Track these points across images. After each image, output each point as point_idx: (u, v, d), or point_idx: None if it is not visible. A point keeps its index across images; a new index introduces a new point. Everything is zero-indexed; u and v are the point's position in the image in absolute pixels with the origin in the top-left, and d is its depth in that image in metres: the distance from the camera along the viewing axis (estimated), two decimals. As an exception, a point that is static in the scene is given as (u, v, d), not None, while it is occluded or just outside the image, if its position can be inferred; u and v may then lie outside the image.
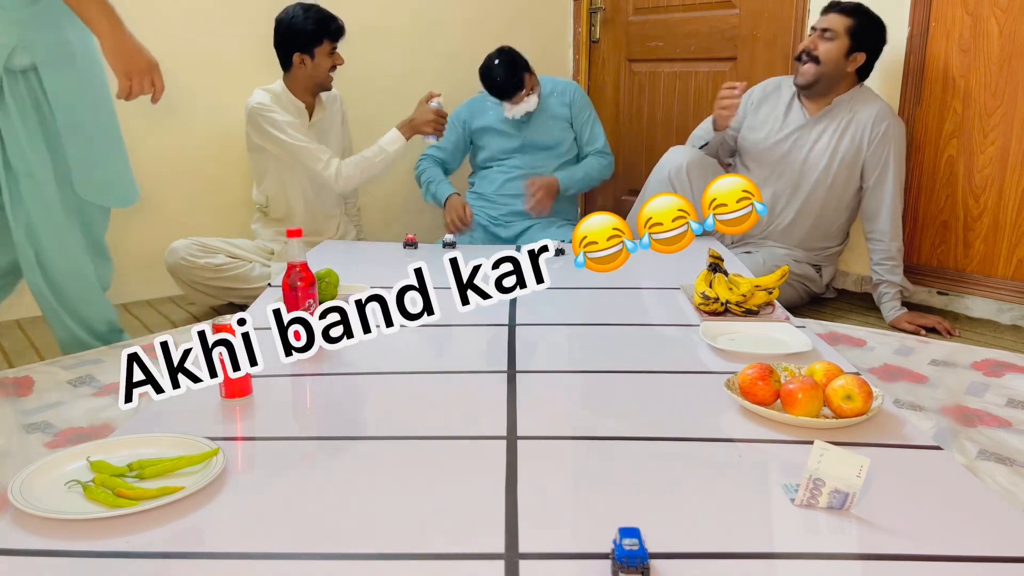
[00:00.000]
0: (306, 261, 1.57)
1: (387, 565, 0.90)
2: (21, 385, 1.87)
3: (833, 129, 2.52)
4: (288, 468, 1.14)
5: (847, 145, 2.50)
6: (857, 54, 2.46)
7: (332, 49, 2.69)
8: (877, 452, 1.13)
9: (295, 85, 2.73)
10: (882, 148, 2.46)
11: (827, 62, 2.46)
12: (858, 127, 2.48)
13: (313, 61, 2.67)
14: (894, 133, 2.46)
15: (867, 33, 2.46)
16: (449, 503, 1.02)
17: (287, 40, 2.65)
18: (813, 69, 2.48)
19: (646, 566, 0.84)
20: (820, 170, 2.53)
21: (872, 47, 2.48)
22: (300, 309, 1.55)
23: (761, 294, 1.74)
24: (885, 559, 0.90)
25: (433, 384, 1.46)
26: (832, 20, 2.46)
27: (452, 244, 2.50)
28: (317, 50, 2.66)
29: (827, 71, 2.47)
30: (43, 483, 1.03)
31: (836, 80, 2.50)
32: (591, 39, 3.74)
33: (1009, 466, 1.51)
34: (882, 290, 2.52)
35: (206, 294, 2.69)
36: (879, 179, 2.48)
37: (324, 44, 2.65)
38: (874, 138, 2.46)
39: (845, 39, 2.44)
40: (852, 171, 2.52)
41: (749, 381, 1.25)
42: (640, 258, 1.37)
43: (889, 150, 2.46)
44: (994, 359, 2.06)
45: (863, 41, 2.45)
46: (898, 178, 2.48)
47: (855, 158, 2.50)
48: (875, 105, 2.49)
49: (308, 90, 2.74)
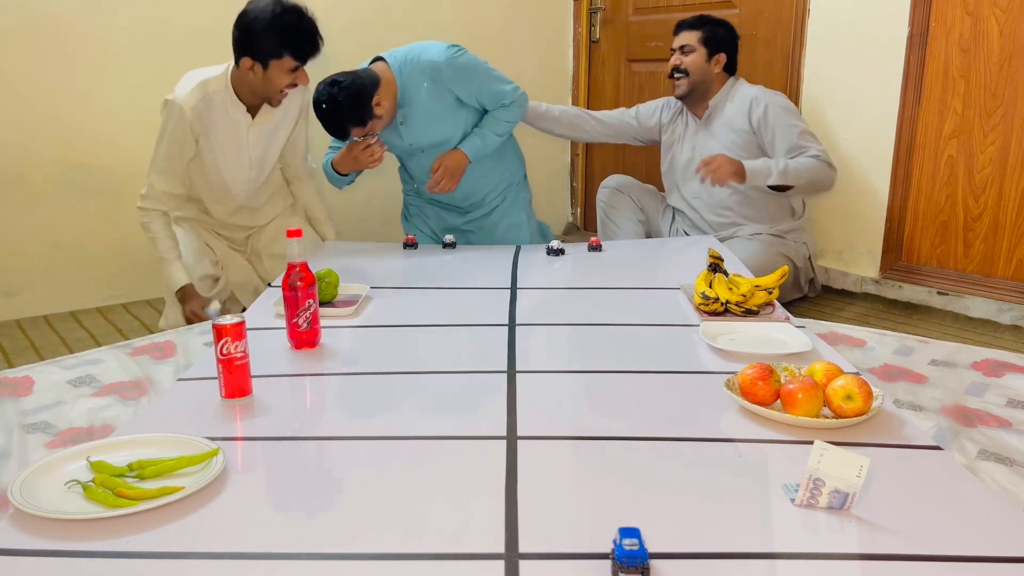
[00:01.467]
0: (306, 261, 1.57)
1: (387, 565, 0.90)
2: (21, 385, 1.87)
3: (720, 124, 2.70)
4: (288, 468, 1.14)
5: (735, 134, 2.65)
6: (718, 56, 2.68)
7: (294, 68, 2.20)
8: (877, 452, 1.13)
9: (240, 86, 2.27)
10: (767, 121, 2.59)
11: (695, 71, 2.70)
12: (739, 114, 2.65)
13: (265, 74, 2.19)
14: (773, 107, 2.59)
15: (718, 36, 2.69)
16: (449, 503, 1.02)
17: (242, 38, 2.17)
18: (685, 81, 2.71)
19: (646, 566, 0.84)
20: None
21: (728, 45, 2.70)
22: (300, 309, 1.56)
23: (761, 294, 1.74)
24: (885, 559, 0.90)
25: (433, 384, 1.46)
26: (685, 37, 2.71)
27: (452, 244, 2.50)
28: (273, 63, 2.17)
29: (697, 79, 2.70)
30: (43, 483, 1.03)
31: (709, 83, 2.71)
32: (591, 39, 3.74)
33: (1009, 466, 1.51)
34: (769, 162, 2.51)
35: None
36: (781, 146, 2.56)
37: (285, 59, 2.17)
38: (757, 118, 2.61)
39: (701, 48, 2.69)
40: (751, 153, 2.62)
41: (749, 381, 1.25)
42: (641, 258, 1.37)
43: (776, 119, 2.59)
44: (994, 359, 2.06)
45: (717, 44, 2.68)
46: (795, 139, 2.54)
47: (747, 142, 2.64)
48: (749, 91, 2.66)
49: (254, 96, 2.29)
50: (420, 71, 2.42)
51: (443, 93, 2.45)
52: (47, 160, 2.65)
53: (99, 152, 2.72)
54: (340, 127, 2.33)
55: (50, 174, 2.65)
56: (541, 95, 3.76)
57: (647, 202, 2.94)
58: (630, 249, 2.55)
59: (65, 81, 2.63)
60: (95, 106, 2.69)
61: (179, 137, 2.27)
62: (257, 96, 2.29)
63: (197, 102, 2.24)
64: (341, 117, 2.29)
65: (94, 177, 2.72)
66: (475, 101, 2.52)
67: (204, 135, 2.32)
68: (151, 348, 2.06)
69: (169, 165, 2.31)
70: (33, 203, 2.64)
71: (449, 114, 2.49)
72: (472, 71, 2.48)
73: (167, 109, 2.26)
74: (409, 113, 2.47)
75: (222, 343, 1.30)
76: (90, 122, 2.69)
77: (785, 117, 2.59)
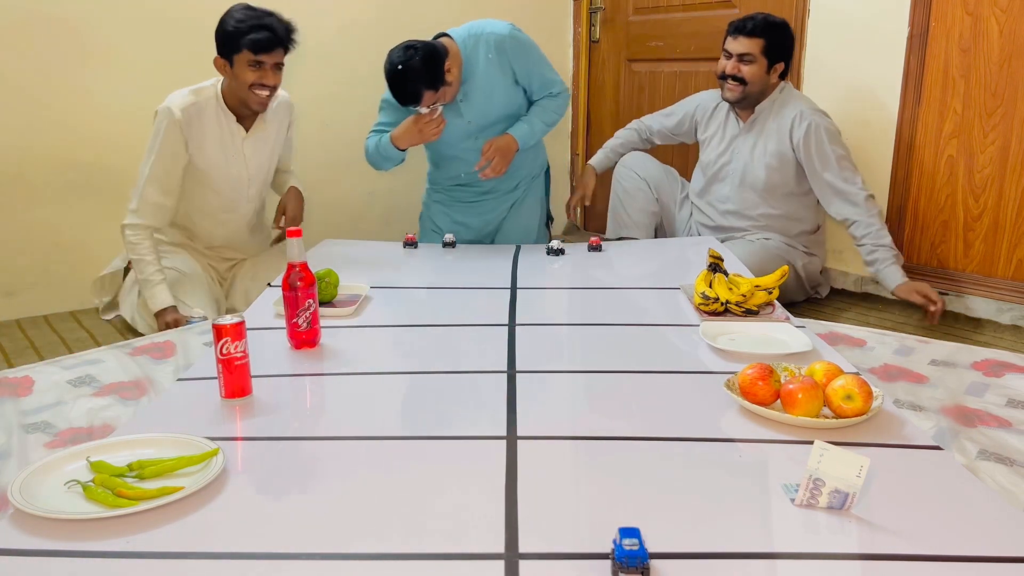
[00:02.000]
0: (306, 261, 1.57)
1: (387, 565, 0.90)
2: (21, 385, 1.87)
3: (763, 134, 2.62)
4: (288, 468, 1.14)
5: (774, 147, 2.59)
6: (777, 65, 2.57)
7: (254, 62, 2.22)
8: (877, 452, 1.13)
9: (228, 96, 2.33)
10: (809, 145, 2.53)
11: (753, 82, 2.57)
12: (781, 130, 2.58)
13: (232, 71, 2.25)
14: (816, 129, 2.52)
15: (780, 45, 2.55)
16: (449, 503, 1.02)
17: (216, 38, 2.25)
18: (740, 89, 2.58)
19: (646, 566, 0.84)
20: (757, 172, 2.63)
21: (789, 52, 2.59)
22: (300, 309, 1.56)
23: (761, 294, 1.74)
24: (885, 559, 0.90)
25: (433, 384, 1.46)
26: (746, 44, 2.54)
27: (452, 244, 2.50)
28: (236, 58, 2.22)
29: (754, 90, 2.58)
30: (43, 483, 1.03)
31: (764, 93, 2.61)
32: (591, 39, 3.74)
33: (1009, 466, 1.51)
34: (877, 256, 2.50)
35: None
36: (820, 172, 2.54)
37: (243, 52, 2.21)
38: (797, 139, 2.54)
39: (762, 59, 2.55)
40: (785, 168, 2.59)
41: (749, 381, 1.25)
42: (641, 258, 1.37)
43: (817, 145, 2.52)
44: (994, 359, 2.06)
45: (778, 53, 2.56)
46: (840, 165, 2.52)
47: (784, 157, 2.58)
48: (795, 107, 2.57)
49: (238, 103, 2.33)
50: (484, 43, 2.49)
51: (504, 67, 2.52)
52: (47, 160, 2.64)
53: (99, 152, 2.72)
54: (415, 90, 2.33)
55: (50, 174, 2.65)
56: (541, 95, 3.77)
57: (664, 189, 2.89)
58: (630, 249, 2.54)
59: (65, 81, 2.63)
60: (95, 106, 2.69)
61: (171, 141, 2.30)
62: (239, 101, 2.32)
63: (188, 106, 2.29)
64: (418, 79, 2.31)
65: (94, 177, 2.72)
66: (527, 82, 2.60)
67: (196, 145, 2.34)
68: (151, 348, 2.06)
69: (162, 173, 2.32)
70: (33, 203, 2.64)
71: (507, 92, 2.56)
72: (531, 48, 2.58)
73: (158, 117, 2.30)
74: (470, 90, 2.52)
75: (222, 343, 1.30)
76: (90, 122, 2.69)
77: (826, 144, 2.51)
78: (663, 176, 2.91)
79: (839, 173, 2.52)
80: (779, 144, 2.58)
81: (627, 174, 2.90)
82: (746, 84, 2.56)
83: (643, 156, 2.93)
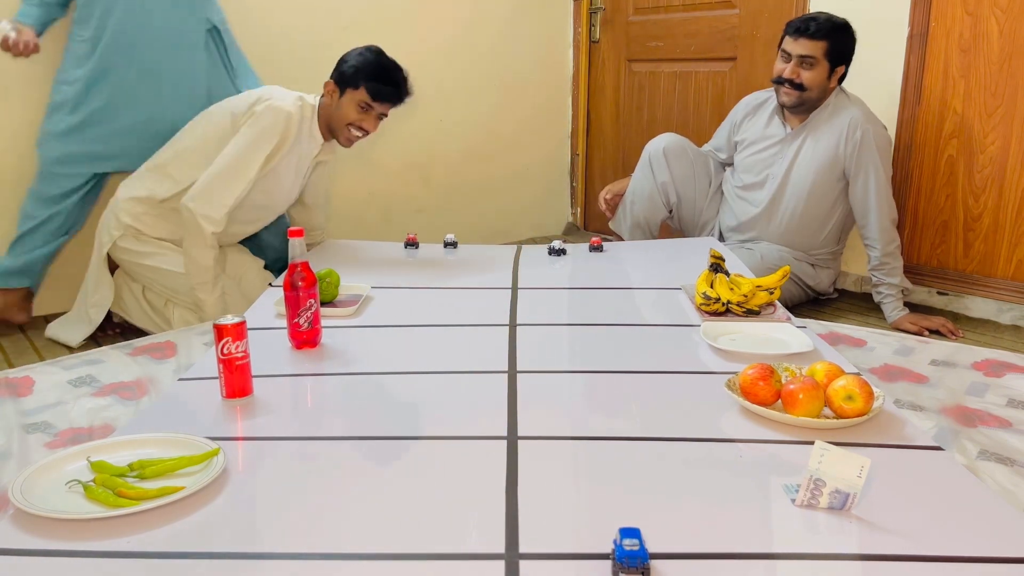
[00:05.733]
0: (307, 261, 1.57)
1: (387, 565, 0.90)
2: (21, 385, 1.87)
3: (812, 140, 2.51)
4: (288, 468, 1.14)
5: (824, 154, 2.48)
6: (838, 68, 2.45)
7: (364, 105, 2.26)
8: (878, 452, 1.13)
9: (322, 116, 2.35)
10: (860, 155, 2.42)
11: (813, 88, 2.44)
12: (833, 135, 2.46)
13: (339, 100, 2.28)
14: (871, 139, 2.41)
15: (843, 48, 2.43)
16: (449, 503, 1.02)
17: (337, 65, 2.31)
18: (798, 95, 2.46)
19: (646, 566, 0.84)
20: (801, 180, 2.53)
21: (850, 56, 2.46)
22: (301, 309, 1.56)
23: (762, 294, 1.74)
24: (885, 559, 0.91)
25: (433, 384, 1.46)
26: (808, 46, 2.41)
27: (454, 244, 2.50)
28: (349, 91, 2.26)
29: (813, 96, 2.46)
30: (44, 483, 1.03)
31: (823, 98, 2.49)
32: (591, 39, 3.74)
33: (1010, 466, 1.51)
34: (881, 291, 2.52)
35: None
36: (862, 185, 2.46)
37: (360, 90, 2.25)
38: (851, 146, 2.43)
39: (824, 63, 2.42)
40: (832, 178, 2.50)
41: (750, 381, 1.25)
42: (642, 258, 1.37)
43: (867, 156, 2.43)
44: (994, 359, 2.06)
45: (841, 57, 2.43)
46: (880, 183, 2.44)
47: (833, 165, 2.47)
48: (850, 112, 2.45)
49: (327, 129, 2.37)
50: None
51: None
52: (47, 160, 2.64)
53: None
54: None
55: (50, 174, 2.64)
56: (541, 95, 3.78)
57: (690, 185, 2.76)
58: (631, 249, 2.54)
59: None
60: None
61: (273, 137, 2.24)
62: (329, 129, 2.36)
63: (296, 110, 2.28)
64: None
65: (94, 177, 2.71)
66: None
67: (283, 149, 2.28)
68: (151, 348, 2.07)
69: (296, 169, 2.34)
70: (33, 203, 2.64)
71: None
72: None
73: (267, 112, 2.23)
74: None
75: (223, 343, 1.30)
76: (90, 122, 2.69)
77: (877, 157, 2.41)
78: (691, 173, 2.77)
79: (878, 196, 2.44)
80: (830, 151, 2.46)
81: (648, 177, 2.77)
82: (805, 90, 2.44)
83: (678, 149, 2.76)
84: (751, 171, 2.67)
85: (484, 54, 3.53)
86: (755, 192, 2.65)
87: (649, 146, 2.80)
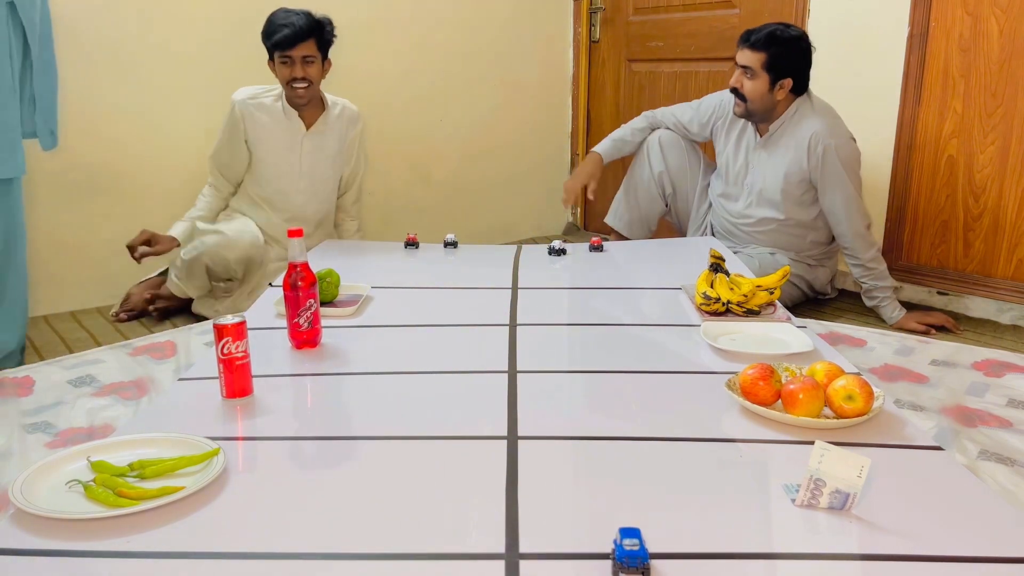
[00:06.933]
0: (307, 261, 1.57)
1: (387, 565, 0.90)
2: (21, 385, 1.87)
3: (776, 151, 2.52)
4: (288, 468, 1.14)
5: (790, 164, 2.48)
6: (783, 81, 2.42)
7: (283, 58, 2.39)
8: (878, 452, 1.13)
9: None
10: (824, 171, 2.43)
11: (753, 99, 2.44)
12: (798, 148, 2.45)
13: (275, 73, 2.45)
14: (833, 154, 2.40)
15: (783, 61, 2.40)
16: (449, 503, 1.02)
17: None
18: (743, 106, 2.48)
19: (646, 566, 0.84)
20: (774, 187, 2.55)
21: (798, 67, 2.42)
22: (301, 309, 1.56)
23: (762, 294, 1.74)
24: (885, 559, 0.90)
25: (433, 384, 1.46)
26: (747, 57, 2.41)
27: (454, 244, 2.50)
28: (270, 60, 2.44)
29: (756, 107, 2.46)
30: (44, 483, 1.03)
31: (770, 110, 2.48)
32: (591, 39, 3.74)
33: (1010, 466, 1.51)
34: (876, 295, 2.52)
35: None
36: (831, 200, 2.47)
37: (272, 52, 2.41)
38: (814, 161, 2.43)
39: (763, 74, 2.40)
40: (802, 186, 2.51)
41: (750, 381, 1.25)
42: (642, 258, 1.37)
43: (831, 172, 2.42)
44: (994, 359, 2.06)
45: (782, 69, 2.40)
46: (848, 197, 2.44)
47: (800, 178, 2.49)
48: (812, 125, 2.43)
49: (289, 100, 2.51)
50: None
51: None
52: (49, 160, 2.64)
53: (99, 152, 2.72)
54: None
55: (50, 174, 2.64)
56: (541, 95, 3.78)
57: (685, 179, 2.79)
58: (631, 249, 2.54)
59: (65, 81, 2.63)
60: (96, 106, 2.69)
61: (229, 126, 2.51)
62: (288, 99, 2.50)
63: (247, 98, 2.49)
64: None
65: (94, 177, 2.72)
66: None
67: (254, 134, 2.51)
68: (151, 348, 2.07)
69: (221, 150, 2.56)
70: (33, 203, 2.64)
71: None
72: None
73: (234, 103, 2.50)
74: None
75: (223, 343, 1.30)
76: (91, 122, 2.69)
77: (841, 172, 2.41)
78: (686, 166, 2.79)
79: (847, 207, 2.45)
80: (795, 164, 2.47)
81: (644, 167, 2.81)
82: (747, 100, 2.45)
83: (673, 140, 2.78)
84: (728, 180, 2.70)
85: (484, 54, 3.53)
86: (733, 203, 2.69)
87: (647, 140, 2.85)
